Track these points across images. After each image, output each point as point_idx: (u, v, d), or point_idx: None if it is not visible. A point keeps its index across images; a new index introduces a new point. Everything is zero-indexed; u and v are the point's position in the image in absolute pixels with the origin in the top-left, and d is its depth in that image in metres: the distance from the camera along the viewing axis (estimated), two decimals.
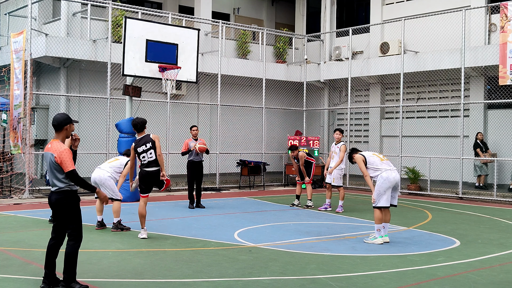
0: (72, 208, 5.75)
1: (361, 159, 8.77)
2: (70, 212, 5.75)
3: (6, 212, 11.60)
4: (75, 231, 5.77)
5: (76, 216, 5.81)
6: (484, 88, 17.51)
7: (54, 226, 5.88)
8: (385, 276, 6.70)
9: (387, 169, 8.69)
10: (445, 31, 17.81)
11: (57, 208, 5.74)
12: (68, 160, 5.64)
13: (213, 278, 6.41)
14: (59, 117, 5.85)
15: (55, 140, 5.80)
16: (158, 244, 8.37)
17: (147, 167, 8.84)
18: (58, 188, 5.71)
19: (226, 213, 12.05)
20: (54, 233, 5.86)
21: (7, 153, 14.65)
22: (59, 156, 5.63)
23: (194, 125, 13.18)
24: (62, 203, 5.71)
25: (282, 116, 21.49)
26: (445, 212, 12.96)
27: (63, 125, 5.80)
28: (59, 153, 5.64)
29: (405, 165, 17.25)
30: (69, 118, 5.87)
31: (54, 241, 5.83)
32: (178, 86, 18.06)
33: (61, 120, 5.80)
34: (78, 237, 5.78)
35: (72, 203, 5.76)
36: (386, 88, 20.39)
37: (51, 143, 5.79)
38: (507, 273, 6.97)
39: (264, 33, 19.73)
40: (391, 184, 8.65)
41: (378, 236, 8.70)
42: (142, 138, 8.90)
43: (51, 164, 5.69)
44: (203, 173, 13.05)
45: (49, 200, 5.84)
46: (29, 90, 14.18)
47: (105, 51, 15.89)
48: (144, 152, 8.82)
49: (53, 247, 5.82)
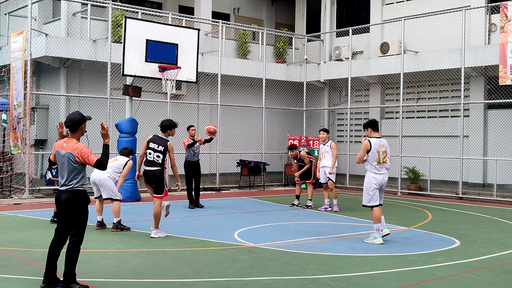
0: (82, 209, 5.71)
1: (366, 148, 8.72)
2: (79, 213, 5.69)
3: (6, 212, 11.60)
4: (79, 233, 5.72)
5: (84, 218, 5.76)
6: (484, 88, 17.51)
7: (58, 227, 5.80)
8: (385, 276, 6.69)
9: (375, 173, 8.72)
10: (445, 31, 17.81)
11: (67, 207, 5.67)
12: (89, 154, 5.65)
13: (213, 278, 6.41)
14: (74, 116, 5.80)
15: (70, 139, 5.77)
16: (158, 244, 8.37)
17: (149, 165, 8.94)
18: (71, 186, 5.65)
19: (226, 213, 12.05)
20: (58, 234, 5.78)
21: (7, 153, 14.66)
22: (81, 155, 5.63)
23: (192, 125, 13.22)
24: (72, 203, 5.65)
25: (282, 116, 21.49)
26: (445, 212, 12.96)
27: (79, 124, 5.78)
28: (79, 151, 5.64)
29: (405, 165, 17.25)
30: (84, 117, 5.85)
31: (57, 243, 5.77)
32: (178, 86, 18.06)
33: (77, 120, 5.78)
34: (80, 239, 5.74)
35: (84, 204, 5.72)
36: (386, 88, 20.39)
37: (66, 142, 5.75)
38: (507, 273, 6.97)
39: (264, 33, 19.74)
40: (377, 186, 8.74)
41: (378, 236, 8.72)
42: (161, 138, 9.02)
43: (69, 162, 5.65)
44: (201, 172, 13.06)
45: (57, 199, 5.75)
46: (29, 90, 14.18)
47: (105, 51, 15.89)
48: (154, 151, 8.93)
49: (55, 249, 5.76)
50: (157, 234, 8.88)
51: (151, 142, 8.99)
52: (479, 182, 17.34)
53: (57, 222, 5.86)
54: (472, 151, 17.25)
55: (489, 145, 17.17)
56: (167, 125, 9.17)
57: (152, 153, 8.91)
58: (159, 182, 8.91)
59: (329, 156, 12.62)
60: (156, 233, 8.89)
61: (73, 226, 5.69)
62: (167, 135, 9.13)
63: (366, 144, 8.77)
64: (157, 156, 8.90)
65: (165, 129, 9.14)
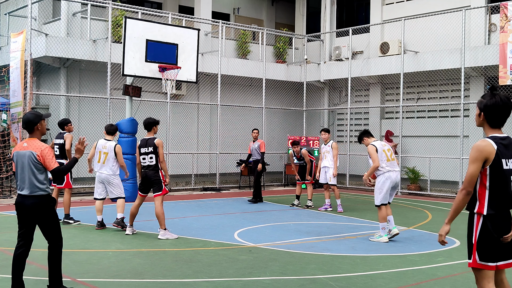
0: (51, 213, 5.42)
1: (374, 151, 8.85)
2: (49, 217, 5.40)
3: (6, 212, 11.60)
4: (56, 235, 5.45)
5: (56, 220, 5.47)
6: (484, 88, 17.50)
7: (22, 233, 5.42)
8: (385, 276, 6.69)
9: (389, 170, 8.89)
10: (445, 31, 17.81)
11: (34, 213, 5.33)
12: (51, 157, 5.33)
13: (213, 278, 6.41)
14: (26, 117, 5.44)
15: (31, 139, 5.44)
16: (158, 244, 8.37)
17: (146, 168, 8.93)
18: (35, 192, 5.32)
19: (226, 213, 12.05)
20: (23, 240, 5.41)
21: (7, 153, 14.66)
22: (42, 154, 5.30)
23: (255, 128, 14.76)
24: (40, 209, 5.33)
25: (282, 116, 21.49)
26: (445, 212, 12.96)
27: (33, 124, 5.41)
28: (41, 151, 5.32)
29: (405, 165, 17.25)
30: (39, 116, 5.44)
31: (22, 249, 5.42)
32: (178, 86, 18.06)
33: (29, 120, 5.40)
34: (59, 241, 5.48)
35: (51, 207, 5.42)
36: (386, 88, 20.39)
37: (26, 141, 5.44)
38: (507, 273, 6.95)
39: (264, 33, 19.73)
40: (392, 184, 8.93)
41: (384, 235, 8.82)
42: (147, 139, 8.98)
43: (30, 163, 5.32)
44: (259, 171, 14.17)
45: (20, 204, 5.36)
46: (29, 90, 14.18)
47: (105, 51, 15.89)
48: (145, 154, 8.90)
49: (21, 256, 5.42)
50: (164, 235, 8.79)
51: (141, 148, 8.95)
52: None
53: (20, 228, 5.45)
54: None
55: None
56: (151, 122, 9.11)
57: (146, 157, 8.89)
58: (155, 182, 8.90)
59: (330, 157, 12.63)
60: (164, 234, 8.80)
61: (48, 230, 5.42)
62: (153, 133, 9.09)
63: (373, 148, 8.90)
64: (150, 158, 8.87)
65: (150, 127, 9.09)
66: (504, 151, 3.94)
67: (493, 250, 3.97)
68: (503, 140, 3.97)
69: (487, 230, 3.95)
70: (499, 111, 3.97)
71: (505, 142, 3.97)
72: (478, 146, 3.93)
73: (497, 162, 3.89)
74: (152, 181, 8.88)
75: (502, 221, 3.97)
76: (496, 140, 3.94)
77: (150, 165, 8.88)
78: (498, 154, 3.89)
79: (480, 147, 3.91)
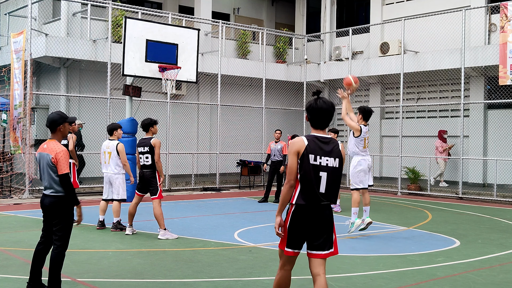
0: (66, 214, 5.45)
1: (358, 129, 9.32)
2: (63, 218, 5.44)
3: (6, 212, 11.60)
4: (64, 238, 5.45)
5: (68, 223, 5.49)
6: (484, 88, 17.51)
7: (44, 230, 5.56)
8: (385, 276, 6.69)
9: (362, 155, 9.39)
10: (445, 31, 17.80)
11: (51, 212, 5.44)
12: (64, 162, 5.39)
13: (213, 278, 6.41)
14: (52, 116, 5.51)
15: (51, 140, 5.53)
16: (158, 244, 8.37)
17: (143, 168, 8.99)
18: (55, 191, 5.43)
19: (226, 213, 12.05)
20: (45, 236, 5.55)
21: (7, 153, 14.66)
22: (56, 157, 5.38)
23: (278, 129, 14.65)
24: (56, 208, 5.42)
25: (282, 116, 21.49)
26: (445, 212, 12.96)
27: (56, 124, 5.48)
28: (56, 153, 5.38)
29: (405, 165, 17.25)
30: (64, 117, 5.52)
31: (43, 246, 5.54)
32: (178, 86, 18.06)
33: (53, 119, 5.47)
34: (65, 244, 5.47)
35: (68, 208, 5.47)
36: (386, 88, 20.39)
37: (46, 143, 5.52)
38: (507, 273, 6.97)
39: (264, 33, 19.73)
40: (363, 167, 9.33)
41: (355, 219, 9.12)
42: (144, 139, 9.03)
43: (47, 165, 5.44)
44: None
45: (41, 202, 5.55)
46: (29, 90, 14.18)
47: (105, 51, 15.89)
48: (142, 154, 8.96)
49: (41, 252, 5.52)
50: (164, 235, 8.79)
51: (138, 147, 9.02)
52: (479, 182, 17.34)
53: (43, 225, 5.61)
54: (472, 151, 17.25)
55: (489, 145, 17.17)
56: (148, 123, 9.13)
57: (142, 157, 8.95)
58: (151, 184, 8.91)
59: None
60: (164, 234, 8.80)
61: (57, 230, 5.45)
62: (150, 133, 9.12)
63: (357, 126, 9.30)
64: (146, 157, 8.91)
65: (147, 127, 9.11)
66: (316, 148, 4.34)
67: (294, 238, 4.55)
68: (322, 139, 4.39)
69: (294, 219, 4.41)
70: (320, 114, 4.42)
71: (323, 140, 4.40)
72: (292, 142, 4.43)
73: (305, 156, 4.31)
74: (148, 182, 8.92)
75: (308, 212, 4.37)
76: (311, 138, 4.38)
77: (146, 165, 8.93)
78: (307, 149, 4.31)
79: (293, 142, 4.40)
